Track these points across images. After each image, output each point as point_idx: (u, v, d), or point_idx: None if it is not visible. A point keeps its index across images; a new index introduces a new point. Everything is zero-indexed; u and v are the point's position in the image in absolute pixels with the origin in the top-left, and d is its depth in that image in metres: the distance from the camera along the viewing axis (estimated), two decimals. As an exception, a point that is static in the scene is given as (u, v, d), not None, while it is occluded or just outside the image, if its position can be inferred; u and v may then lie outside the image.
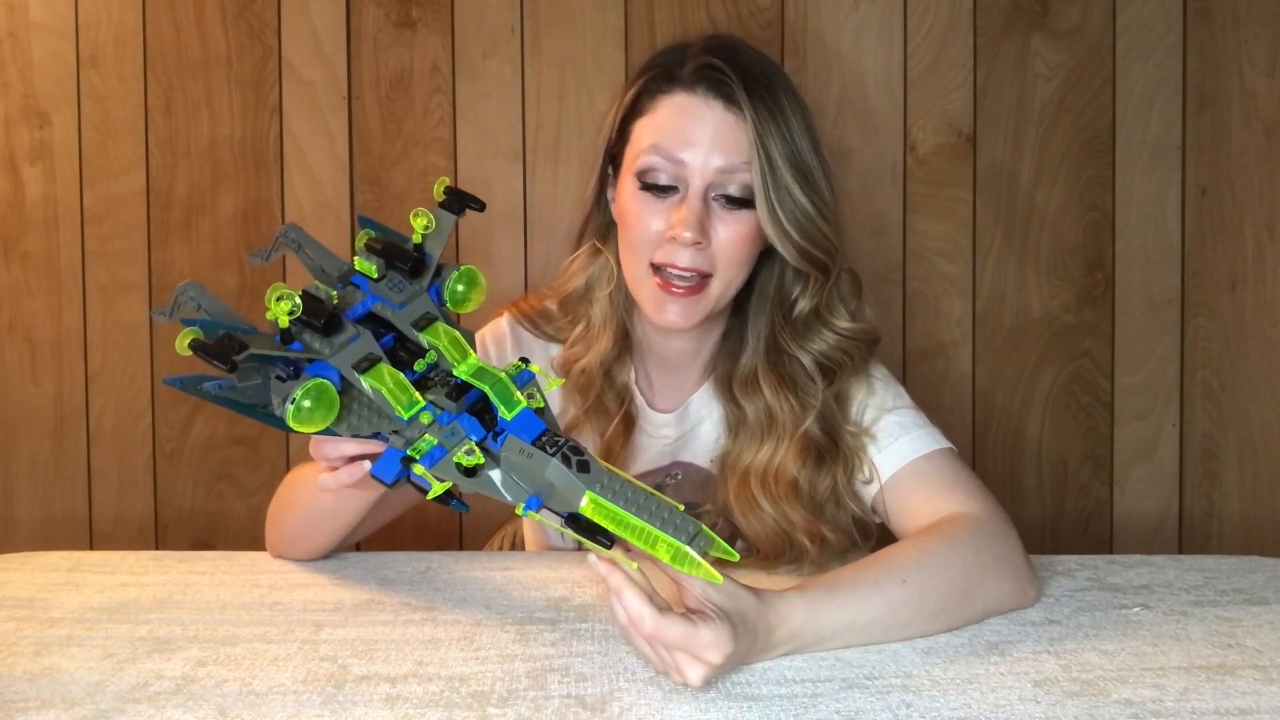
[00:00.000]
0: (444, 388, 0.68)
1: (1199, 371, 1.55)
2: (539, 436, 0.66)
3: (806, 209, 0.90)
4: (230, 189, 1.51)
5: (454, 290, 0.75)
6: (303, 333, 0.68)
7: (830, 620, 0.74)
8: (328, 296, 0.72)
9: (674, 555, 0.63)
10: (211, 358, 0.64)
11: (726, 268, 0.92)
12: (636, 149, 0.93)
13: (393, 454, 0.67)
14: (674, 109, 0.91)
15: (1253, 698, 0.67)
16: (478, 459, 0.65)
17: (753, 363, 0.97)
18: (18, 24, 1.50)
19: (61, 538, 1.53)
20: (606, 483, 0.64)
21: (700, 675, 0.66)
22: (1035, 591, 0.85)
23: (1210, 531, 1.56)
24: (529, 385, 0.69)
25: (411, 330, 0.71)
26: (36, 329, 1.52)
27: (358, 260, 0.73)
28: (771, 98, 0.90)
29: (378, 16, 1.50)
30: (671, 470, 1.03)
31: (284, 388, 0.67)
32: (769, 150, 0.89)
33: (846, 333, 0.96)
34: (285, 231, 0.76)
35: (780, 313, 0.97)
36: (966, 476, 0.91)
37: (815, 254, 0.92)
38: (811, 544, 0.93)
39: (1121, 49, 1.52)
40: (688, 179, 0.90)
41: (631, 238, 0.93)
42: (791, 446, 0.93)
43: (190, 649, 0.75)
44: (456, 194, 0.76)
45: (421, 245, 0.74)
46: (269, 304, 0.65)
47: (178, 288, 0.72)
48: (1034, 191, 1.54)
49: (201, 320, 0.69)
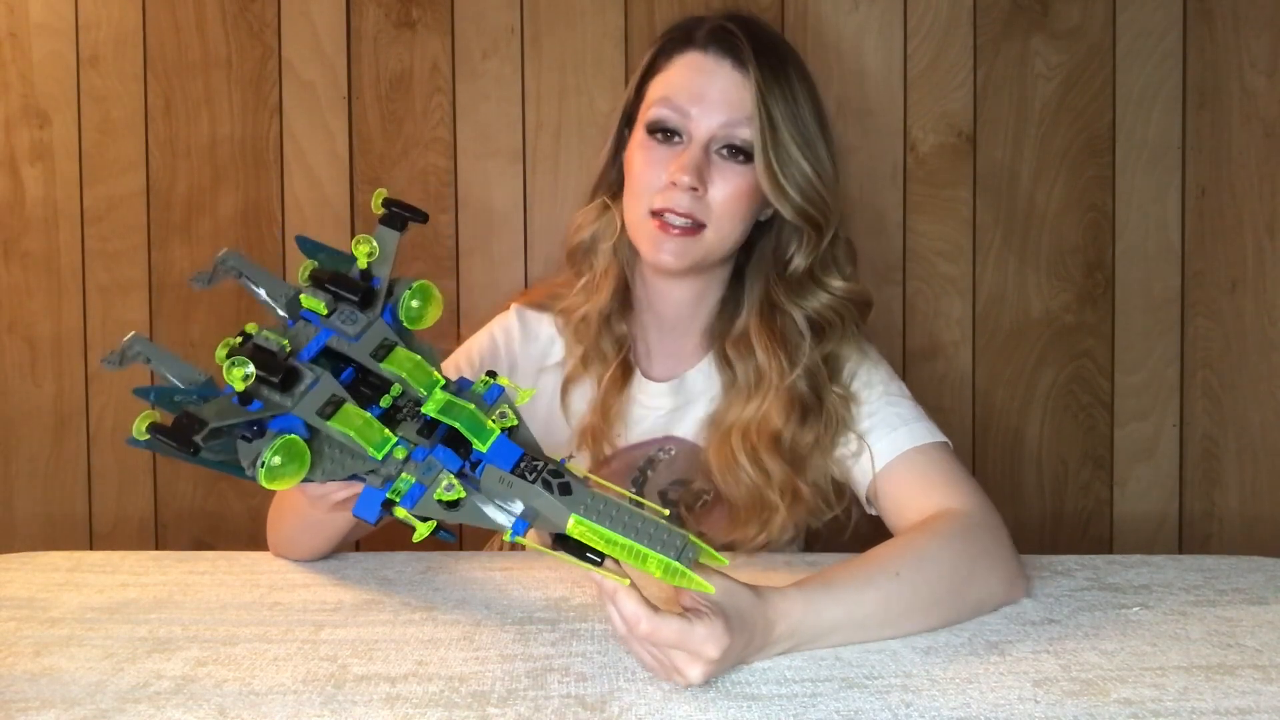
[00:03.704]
0: (414, 421, 0.66)
1: (1199, 371, 1.55)
2: (518, 463, 0.65)
3: (804, 168, 0.94)
4: (230, 189, 1.51)
5: (409, 308, 0.71)
6: (260, 389, 0.65)
7: (828, 615, 0.74)
8: (280, 347, 0.68)
9: (665, 570, 0.63)
10: (172, 442, 0.62)
11: (721, 219, 0.95)
12: (648, 103, 0.98)
13: (372, 494, 0.65)
14: (686, 66, 0.97)
15: (1252, 697, 0.67)
16: (459, 493, 0.63)
17: (746, 322, 1.00)
18: (18, 24, 1.50)
19: (61, 538, 1.53)
20: (590, 503, 0.64)
21: (700, 672, 0.66)
22: (1024, 586, 0.86)
23: (1210, 531, 1.56)
24: (499, 402, 0.68)
25: (371, 362, 0.68)
26: (36, 329, 1.52)
27: (304, 298, 0.70)
28: (779, 64, 0.95)
29: (378, 16, 1.50)
30: (665, 445, 1.03)
31: (251, 449, 0.65)
32: (770, 109, 0.93)
33: (840, 292, 0.99)
34: (224, 259, 0.73)
35: (775, 270, 1.00)
36: (960, 472, 0.93)
37: (811, 211, 0.96)
38: (783, 499, 0.95)
39: (1121, 49, 1.52)
40: (691, 131, 0.95)
41: (634, 183, 0.97)
42: (777, 400, 0.96)
43: (190, 649, 0.75)
44: (396, 207, 0.73)
45: (368, 270, 0.71)
46: (222, 368, 0.63)
47: (124, 340, 0.69)
48: (1034, 191, 1.54)
49: (155, 389, 0.67)
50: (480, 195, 1.52)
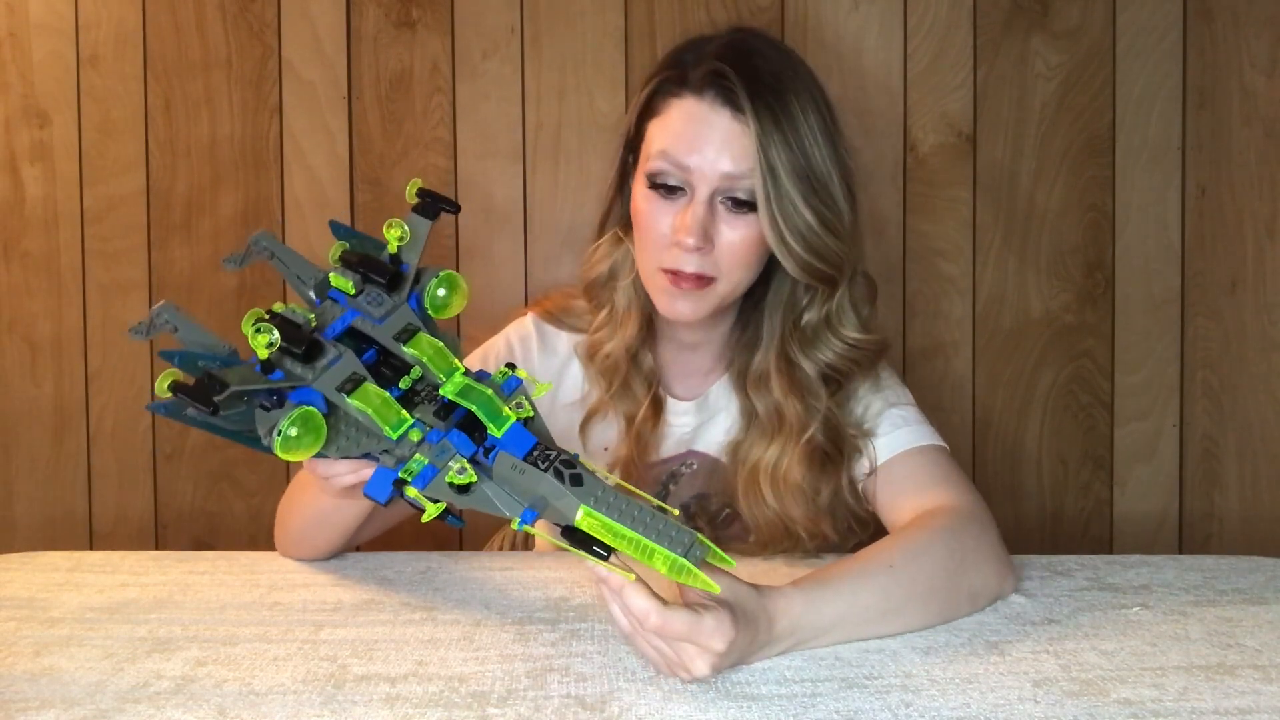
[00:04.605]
0: (431, 404, 0.67)
1: (1199, 371, 1.55)
2: (531, 451, 0.65)
3: (809, 221, 0.90)
4: (230, 189, 1.51)
5: (435, 296, 0.73)
6: (283, 360, 0.66)
7: (828, 610, 0.75)
8: (305, 321, 0.70)
9: (671, 567, 0.63)
10: (193, 400, 0.63)
11: (731, 270, 0.93)
12: (648, 151, 0.94)
13: (384, 474, 0.66)
14: (683, 114, 0.92)
15: (1252, 697, 0.67)
16: (470, 477, 0.64)
17: (765, 362, 0.99)
18: (18, 24, 1.50)
19: (61, 538, 1.53)
20: (600, 495, 0.64)
21: (708, 665, 0.67)
22: (1013, 581, 0.87)
23: (1210, 531, 1.56)
24: (517, 393, 0.68)
25: (394, 345, 0.70)
26: (36, 329, 1.52)
27: (333, 277, 0.71)
28: (780, 103, 0.90)
29: (378, 16, 1.50)
30: (687, 459, 1.04)
31: (269, 417, 0.66)
32: (771, 159, 0.89)
33: (855, 343, 0.97)
34: (257, 239, 0.74)
35: (790, 319, 0.98)
36: (955, 473, 0.93)
37: (819, 267, 0.92)
38: (810, 540, 0.96)
39: (1121, 49, 1.52)
40: (694, 184, 0.91)
41: (642, 237, 0.95)
42: (797, 451, 0.95)
43: (190, 649, 0.75)
44: (430, 196, 0.75)
45: (397, 255, 0.72)
46: (247, 335, 0.64)
47: (154, 308, 0.70)
48: (1034, 191, 1.54)
49: (180, 353, 0.68)
50: (480, 195, 1.52)
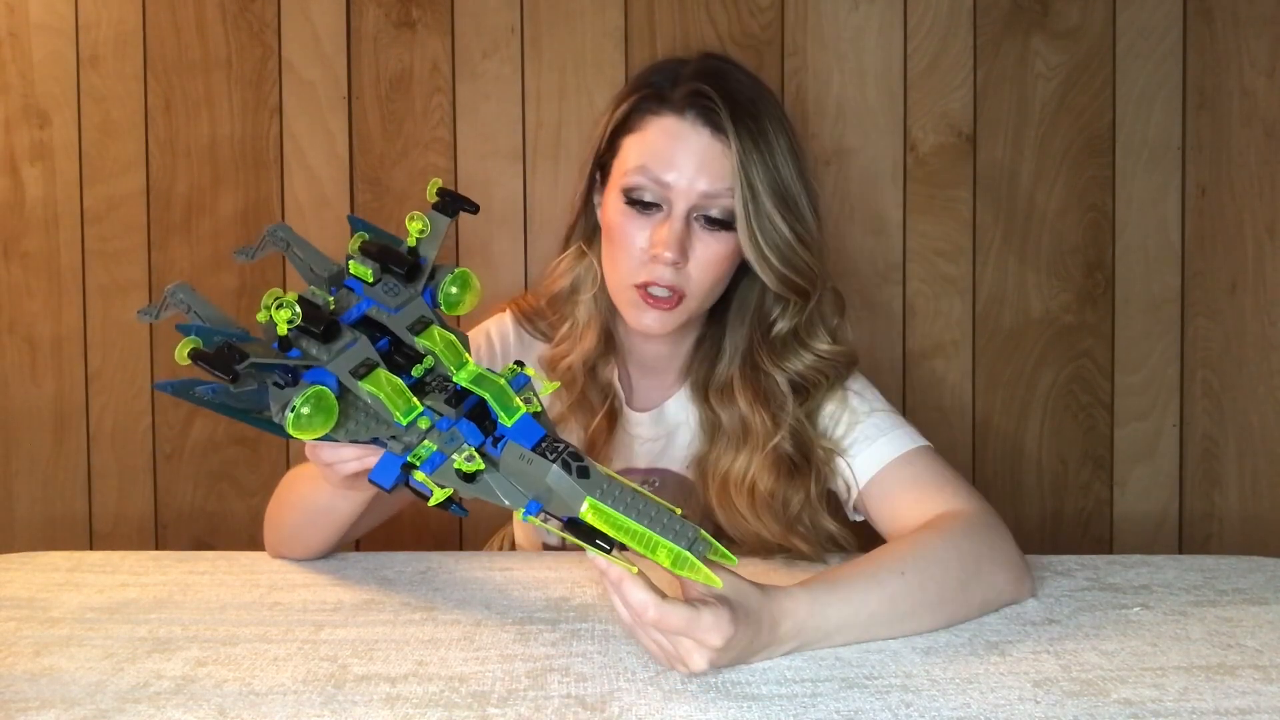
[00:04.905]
0: (442, 393, 0.68)
1: (1199, 371, 1.55)
2: (538, 442, 0.66)
3: (787, 236, 0.93)
4: (230, 189, 1.51)
5: (448, 293, 0.75)
6: (300, 339, 0.68)
7: (834, 614, 0.74)
8: (325, 303, 0.72)
9: (674, 560, 0.64)
10: (213, 368, 0.64)
11: (700, 285, 0.95)
12: (624, 166, 0.95)
13: (391, 459, 0.67)
14: (663, 132, 0.94)
15: (1252, 697, 0.67)
16: (477, 465, 0.65)
17: (729, 373, 1.00)
18: (18, 24, 1.50)
19: (61, 538, 1.53)
20: (606, 488, 0.65)
21: (705, 660, 0.67)
22: (1031, 584, 0.86)
23: (1210, 531, 1.56)
24: (525, 389, 0.70)
25: (407, 334, 0.71)
26: (36, 329, 1.52)
27: (353, 264, 0.73)
28: (757, 126, 0.93)
29: (378, 16, 1.50)
30: (650, 477, 1.04)
31: (283, 395, 0.67)
32: (751, 178, 0.91)
33: (825, 354, 0.99)
34: (274, 231, 0.76)
35: (760, 330, 1.00)
36: (949, 474, 0.93)
37: (795, 280, 0.94)
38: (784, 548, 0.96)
39: (1121, 49, 1.52)
40: (672, 200, 0.93)
41: (615, 251, 0.96)
42: (764, 460, 0.96)
43: (190, 649, 0.75)
44: (450, 196, 0.76)
45: (416, 248, 0.74)
46: (268, 310, 0.65)
47: (167, 289, 0.72)
48: (1034, 191, 1.54)
49: (198, 327, 0.69)
50: (480, 195, 1.52)
